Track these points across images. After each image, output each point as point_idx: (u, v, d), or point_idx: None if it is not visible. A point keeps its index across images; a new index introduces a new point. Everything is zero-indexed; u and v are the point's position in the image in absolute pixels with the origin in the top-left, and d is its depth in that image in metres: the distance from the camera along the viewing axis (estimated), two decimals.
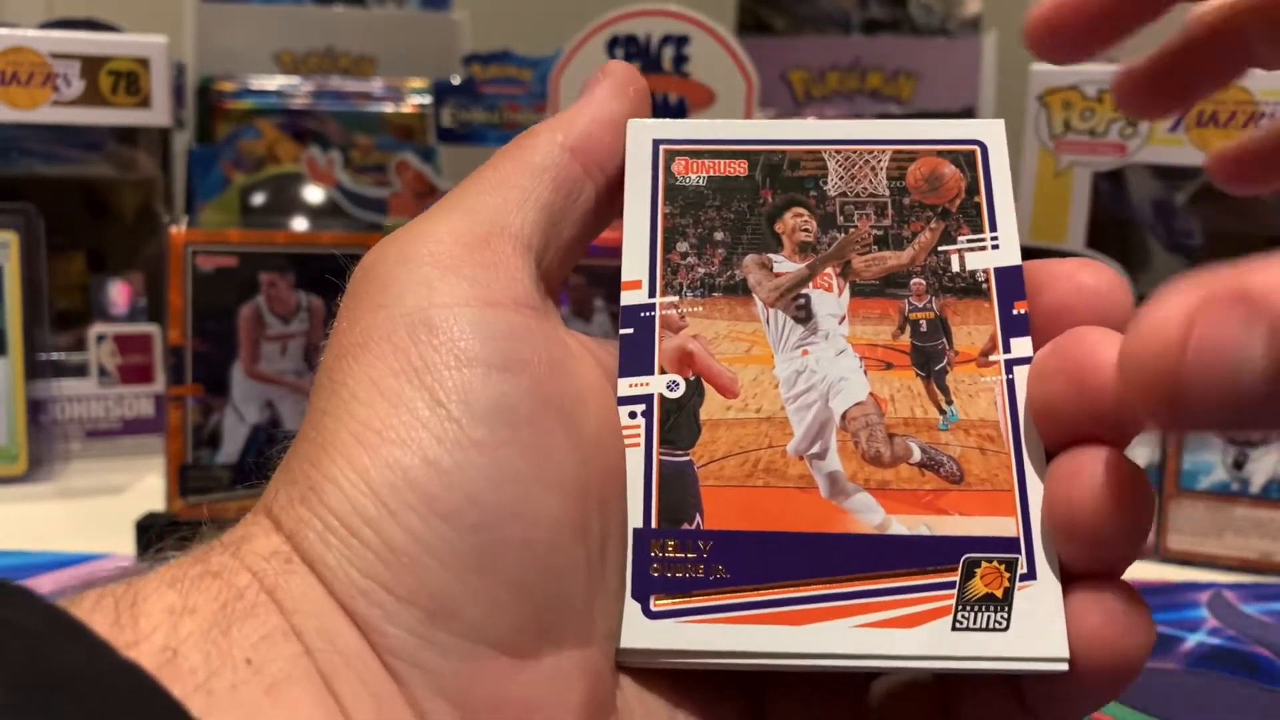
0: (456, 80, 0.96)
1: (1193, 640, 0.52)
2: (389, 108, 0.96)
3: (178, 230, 0.64)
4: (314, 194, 0.81)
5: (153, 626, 0.19)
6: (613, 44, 0.78)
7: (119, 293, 0.81)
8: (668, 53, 0.79)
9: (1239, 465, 0.63)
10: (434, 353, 0.22)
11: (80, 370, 0.77)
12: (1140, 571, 0.62)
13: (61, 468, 0.75)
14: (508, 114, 0.92)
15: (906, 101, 1.13)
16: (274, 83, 0.97)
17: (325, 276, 0.66)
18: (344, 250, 0.66)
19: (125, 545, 0.62)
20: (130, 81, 0.77)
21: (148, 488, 0.71)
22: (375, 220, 0.77)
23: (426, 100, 0.96)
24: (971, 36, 1.37)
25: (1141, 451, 0.65)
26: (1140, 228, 0.97)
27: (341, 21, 1.09)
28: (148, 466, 0.74)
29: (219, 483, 0.64)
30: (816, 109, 1.03)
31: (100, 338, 0.77)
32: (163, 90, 0.78)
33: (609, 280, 0.47)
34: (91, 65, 0.76)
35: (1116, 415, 0.22)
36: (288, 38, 1.05)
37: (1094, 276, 0.25)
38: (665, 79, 0.79)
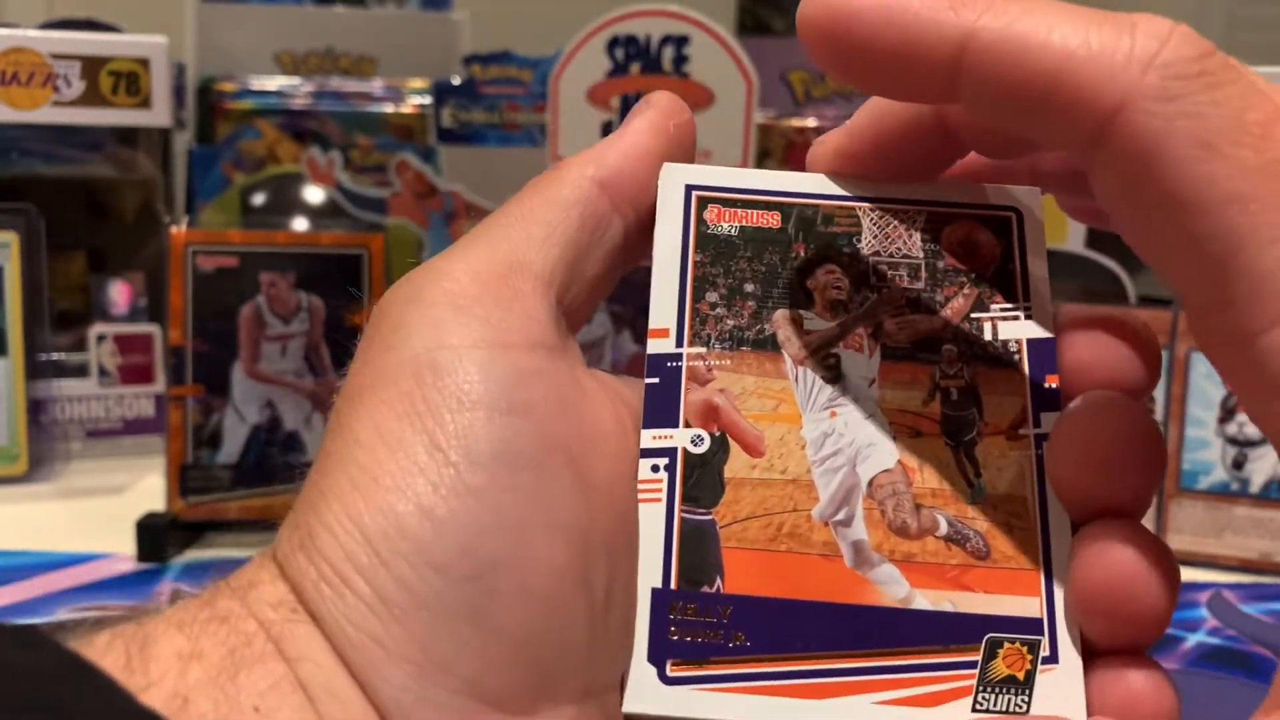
0: (456, 80, 0.96)
1: (1193, 640, 0.52)
2: (389, 108, 0.96)
3: (178, 230, 0.64)
4: (314, 194, 0.81)
5: (162, 672, 0.19)
6: (613, 44, 0.78)
7: (119, 293, 0.81)
8: (668, 53, 0.79)
9: (1239, 465, 0.63)
10: (438, 395, 0.22)
11: (80, 370, 0.78)
12: None
13: (62, 468, 0.75)
14: (508, 114, 0.92)
15: None
16: (274, 83, 0.97)
17: (325, 276, 0.66)
18: (344, 250, 0.66)
19: (125, 545, 0.62)
20: (130, 82, 0.77)
21: (148, 488, 0.71)
22: (375, 220, 0.77)
23: (426, 100, 0.96)
24: None
25: None
26: None
27: (341, 22, 1.09)
28: (148, 466, 0.74)
29: (219, 483, 0.64)
30: (816, 109, 1.03)
31: (100, 338, 0.77)
32: (163, 90, 0.78)
33: (621, 285, 0.47)
34: (92, 65, 0.76)
35: (1130, 483, 0.22)
36: (288, 38, 1.05)
37: (1110, 334, 0.24)
38: (665, 79, 0.79)
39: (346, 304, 0.65)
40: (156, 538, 0.62)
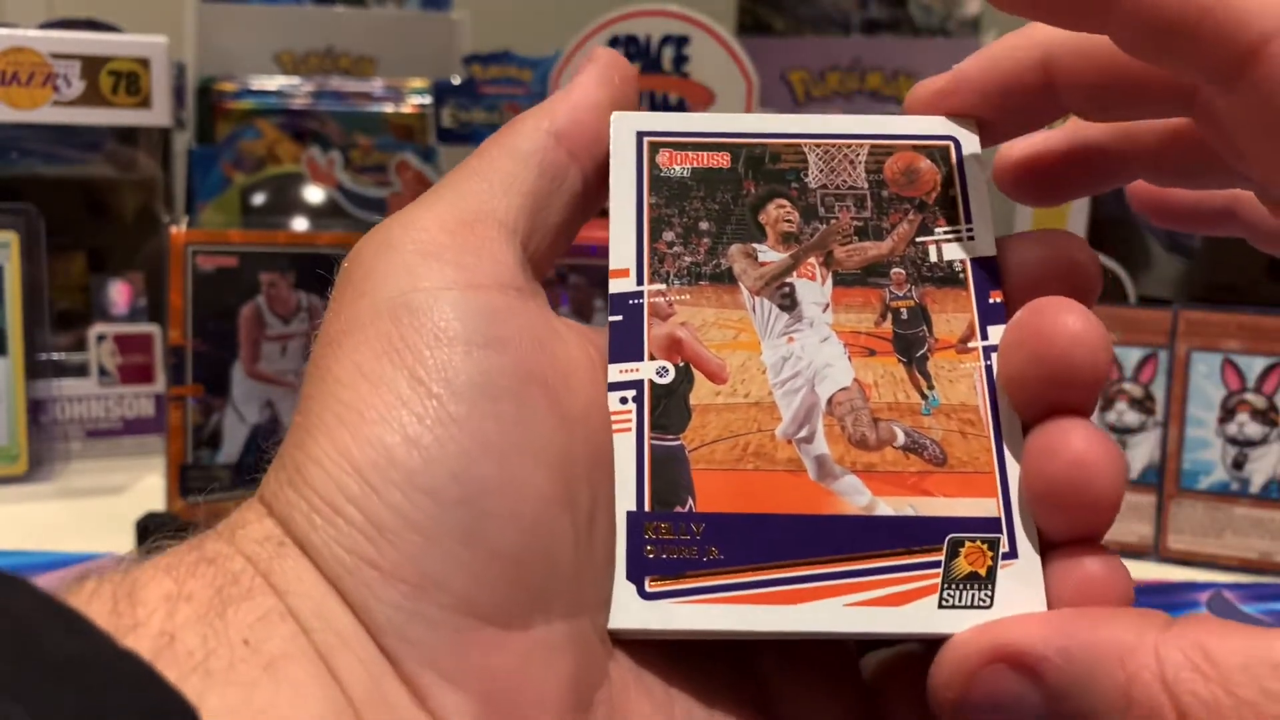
0: (456, 80, 0.96)
1: None
2: (389, 108, 0.96)
3: (178, 230, 0.64)
4: (314, 194, 0.81)
5: (149, 612, 0.19)
6: (613, 44, 0.78)
7: (119, 293, 0.81)
8: (668, 53, 0.80)
9: (1239, 465, 0.63)
10: (415, 334, 0.22)
11: (80, 370, 0.78)
12: (1140, 571, 0.62)
13: (62, 468, 0.75)
14: (508, 114, 0.92)
15: None
16: (274, 83, 0.97)
17: (324, 276, 0.66)
18: (344, 250, 0.66)
19: (125, 545, 0.62)
20: (130, 81, 0.77)
21: (148, 488, 0.71)
22: (375, 220, 0.77)
23: (427, 100, 0.96)
24: (971, 36, 1.37)
25: (1142, 450, 0.65)
26: (1140, 228, 0.97)
27: (341, 21, 1.09)
28: (148, 466, 0.74)
29: (219, 482, 0.64)
30: (817, 109, 1.04)
31: (100, 338, 0.77)
32: (163, 90, 0.78)
33: (606, 280, 0.47)
34: (92, 65, 0.76)
35: (1075, 379, 0.23)
36: (288, 38, 1.05)
37: (1052, 247, 0.26)
38: (665, 79, 0.79)
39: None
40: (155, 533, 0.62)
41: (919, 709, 0.25)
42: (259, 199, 0.82)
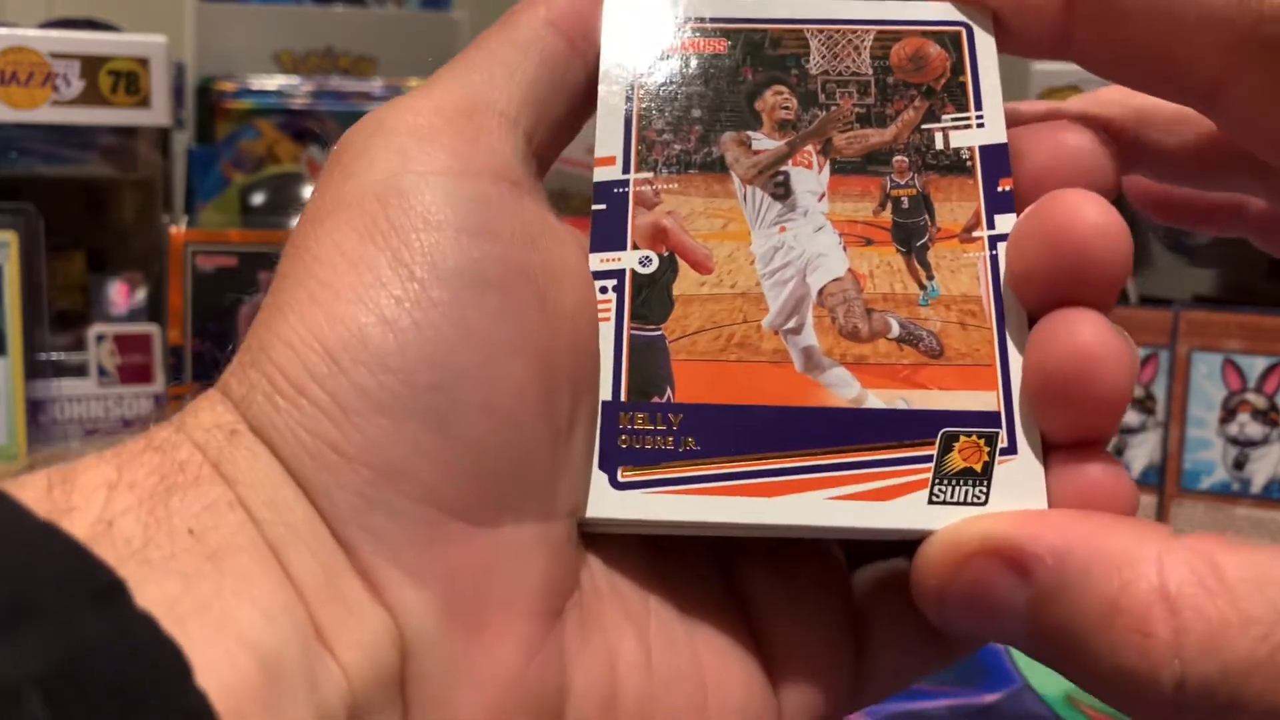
0: None
1: None
2: None
3: (178, 230, 0.64)
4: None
5: (85, 499, 0.18)
6: None
7: (119, 293, 0.81)
8: None
9: (1240, 465, 0.63)
10: (403, 216, 0.21)
11: (80, 370, 0.77)
12: None
13: None
14: None
15: None
16: (274, 83, 0.97)
17: None
18: None
19: None
20: (130, 81, 0.76)
21: None
22: None
23: None
24: None
25: (1143, 451, 0.65)
26: (1140, 227, 0.97)
27: (341, 21, 1.09)
28: None
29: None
30: None
31: (100, 338, 0.77)
32: (162, 90, 0.78)
33: None
34: (91, 65, 0.76)
35: (1094, 273, 0.22)
36: (288, 38, 1.05)
37: (1076, 137, 0.25)
38: None
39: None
40: None
41: (910, 631, 0.24)
42: (258, 199, 0.82)
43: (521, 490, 0.21)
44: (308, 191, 0.81)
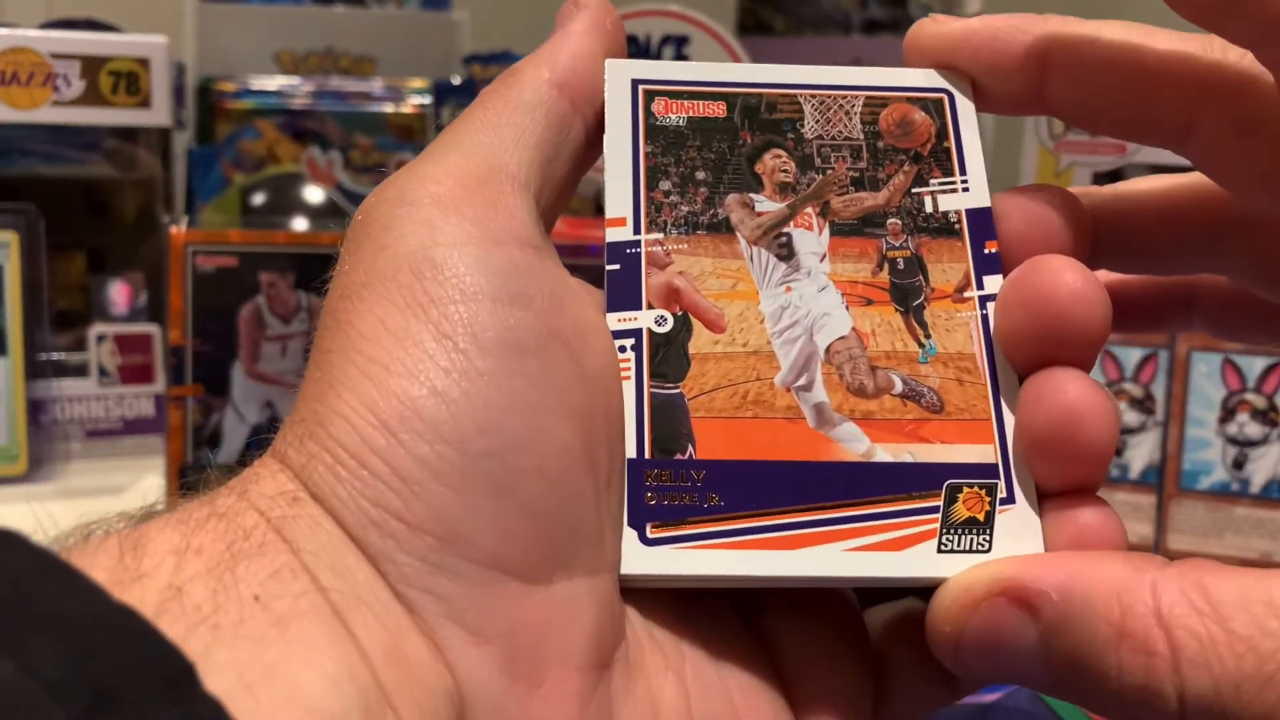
0: (456, 80, 0.96)
1: None
2: (389, 108, 0.96)
3: (178, 230, 0.64)
4: (314, 194, 0.81)
5: (156, 565, 0.19)
6: None
7: (119, 293, 0.81)
8: (668, 53, 0.79)
9: (1239, 465, 0.63)
10: (439, 288, 0.22)
11: (80, 370, 0.77)
12: None
13: (61, 468, 0.75)
14: None
15: None
16: (274, 83, 0.97)
17: (324, 276, 0.66)
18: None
19: None
20: (130, 81, 0.77)
21: (148, 488, 0.71)
22: None
23: (426, 100, 0.96)
24: None
25: (1142, 450, 0.65)
26: None
27: (341, 21, 1.09)
28: (148, 466, 0.74)
29: (219, 483, 0.64)
30: None
31: (100, 338, 0.77)
32: (163, 90, 0.78)
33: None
34: (91, 65, 0.76)
35: (1074, 336, 0.23)
36: (288, 38, 1.05)
37: (1048, 203, 0.26)
38: None
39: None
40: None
41: (925, 670, 0.25)
42: (259, 199, 0.82)
43: (573, 547, 0.22)
44: (308, 191, 0.81)
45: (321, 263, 0.27)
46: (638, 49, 0.79)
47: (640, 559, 0.23)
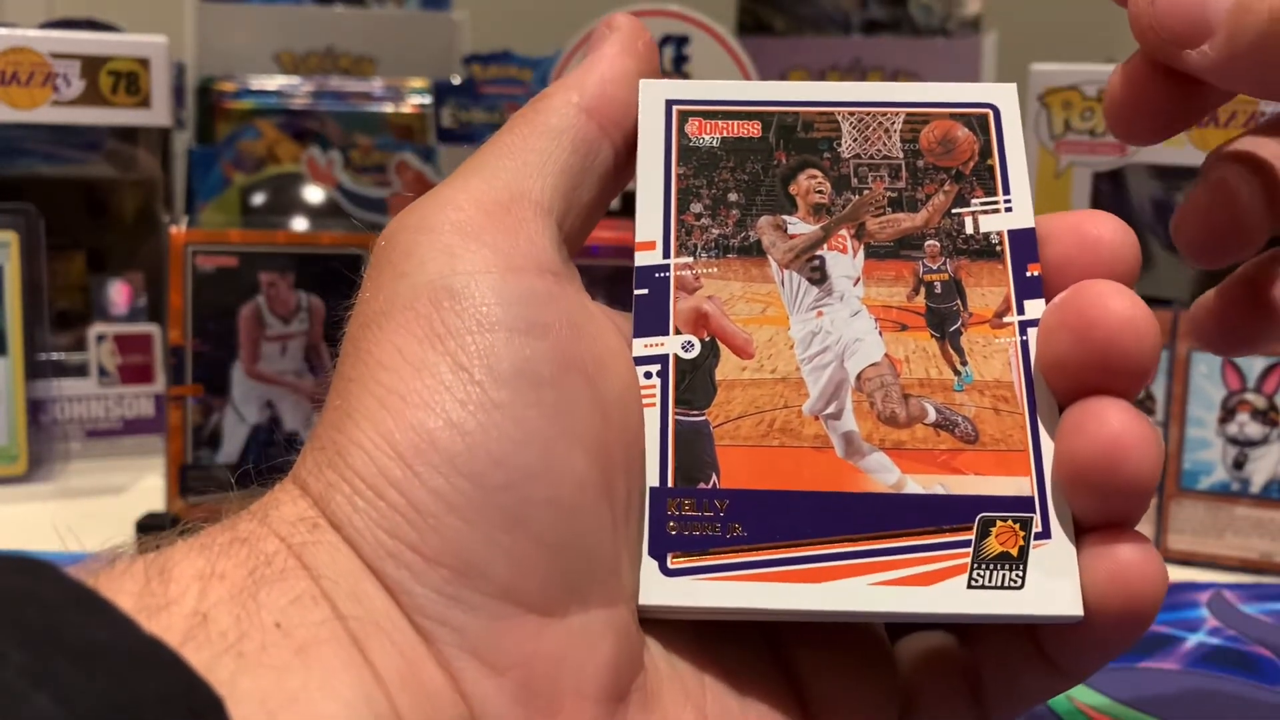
0: (456, 80, 0.96)
1: (1193, 640, 0.52)
2: (389, 108, 0.95)
3: (178, 230, 0.64)
4: (314, 194, 0.81)
5: (182, 591, 0.19)
6: None
7: (119, 293, 0.81)
8: (668, 53, 0.79)
9: (1239, 465, 0.63)
10: (457, 319, 0.22)
11: (80, 370, 0.77)
12: None
13: (61, 468, 0.75)
14: (508, 114, 0.92)
15: None
16: (274, 83, 0.97)
17: (325, 276, 0.66)
18: (344, 250, 0.66)
19: None
20: (130, 81, 0.77)
21: (148, 488, 0.71)
22: (375, 220, 0.77)
23: (426, 100, 0.96)
24: (971, 36, 1.37)
25: None
26: (1140, 228, 0.97)
27: (341, 21, 1.09)
28: (148, 466, 0.74)
29: (219, 483, 0.64)
30: None
31: (100, 338, 0.77)
32: (163, 90, 0.78)
33: (607, 280, 0.47)
34: (91, 65, 0.76)
35: (1122, 365, 0.23)
36: (288, 38, 1.05)
37: (1098, 228, 0.25)
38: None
39: (346, 304, 0.65)
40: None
41: (953, 705, 0.25)
42: (259, 199, 0.82)
43: (589, 579, 0.22)
44: (308, 191, 0.81)
45: (321, 263, 0.27)
46: None
47: (660, 590, 0.23)
